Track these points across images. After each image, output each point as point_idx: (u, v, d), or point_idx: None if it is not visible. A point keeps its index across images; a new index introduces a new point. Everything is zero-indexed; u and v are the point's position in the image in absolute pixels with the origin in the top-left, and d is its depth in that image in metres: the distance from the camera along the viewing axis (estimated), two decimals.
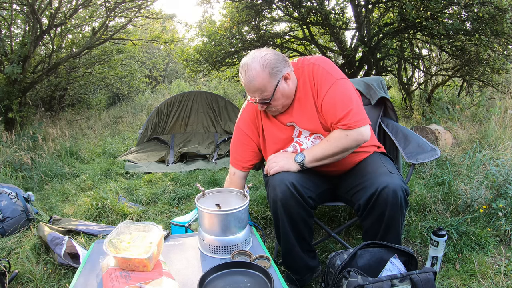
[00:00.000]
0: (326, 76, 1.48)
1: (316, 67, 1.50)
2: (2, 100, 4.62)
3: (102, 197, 2.67)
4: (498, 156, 2.87)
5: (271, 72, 1.42)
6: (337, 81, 1.47)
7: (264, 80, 1.42)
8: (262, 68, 1.41)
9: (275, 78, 1.43)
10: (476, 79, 4.77)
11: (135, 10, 5.96)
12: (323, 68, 1.49)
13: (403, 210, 1.41)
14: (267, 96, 1.46)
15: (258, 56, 1.43)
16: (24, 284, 1.79)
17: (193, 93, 5.16)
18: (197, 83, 11.00)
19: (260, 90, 1.44)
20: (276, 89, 1.45)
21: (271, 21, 5.72)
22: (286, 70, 1.46)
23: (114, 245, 1.25)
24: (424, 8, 3.95)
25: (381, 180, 1.40)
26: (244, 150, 1.71)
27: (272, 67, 1.42)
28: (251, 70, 1.42)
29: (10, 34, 5.24)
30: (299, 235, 1.54)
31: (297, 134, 1.59)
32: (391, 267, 1.27)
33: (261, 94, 1.45)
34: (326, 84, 1.47)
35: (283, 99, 1.50)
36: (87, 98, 8.75)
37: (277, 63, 1.43)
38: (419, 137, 1.84)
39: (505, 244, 2.06)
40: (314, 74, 1.50)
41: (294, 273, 1.63)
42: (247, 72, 1.42)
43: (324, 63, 1.51)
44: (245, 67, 1.43)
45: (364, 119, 1.44)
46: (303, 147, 1.57)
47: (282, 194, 1.45)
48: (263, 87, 1.43)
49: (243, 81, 1.45)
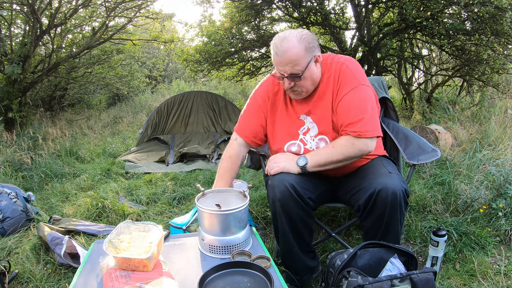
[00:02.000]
0: (352, 78, 1.48)
1: (344, 67, 1.50)
2: (2, 100, 4.62)
3: (102, 197, 2.67)
4: (498, 156, 2.87)
5: (307, 46, 1.41)
6: (360, 86, 1.47)
7: (299, 53, 1.39)
8: (299, 41, 1.40)
9: (309, 54, 1.42)
10: (476, 79, 4.77)
11: (135, 10, 5.96)
12: (350, 70, 1.49)
13: (402, 210, 1.41)
14: (299, 70, 1.42)
15: (296, 31, 1.43)
16: (24, 284, 1.79)
17: (193, 93, 5.16)
18: (197, 83, 11.00)
19: (293, 63, 1.41)
20: (308, 66, 1.43)
21: (271, 21, 5.72)
22: (318, 52, 1.47)
23: (114, 245, 1.25)
24: (424, 8, 3.95)
25: (380, 181, 1.40)
26: (252, 121, 1.68)
27: (309, 42, 1.42)
28: (287, 42, 1.39)
29: (10, 34, 5.24)
30: (298, 235, 1.54)
31: (304, 131, 1.58)
32: (391, 267, 1.27)
33: (293, 67, 1.41)
34: (348, 85, 1.47)
35: (310, 82, 1.49)
36: (87, 98, 8.75)
37: (313, 40, 1.44)
38: (420, 137, 1.84)
39: (505, 244, 2.06)
40: (341, 73, 1.50)
41: (294, 273, 1.63)
42: (283, 43, 1.39)
43: (352, 65, 1.51)
44: (281, 38, 1.41)
45: (373, 131, 1.43)
46: (306, 147, 1.57)
47: (281, 194, 1.45)
48: (297, 60, 1.40)
49: (277, 52, 1.41)
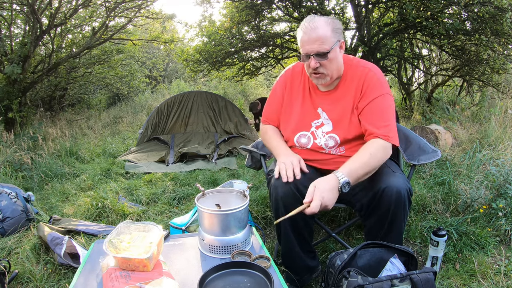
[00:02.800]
0: (378, 85, 1.51)
1: (371, 73, 1.52)
2: (2, 100, 4.62)
3: (102, 197, 2.67)
4: (498, 156, 2.87)
5: (334, 28, 1.45)
6: (386, 95, 1.50)
7: (327, 32, 1.43)
8: (327, 22, 1.44)
9: (335, 36, 1.46)
10: (476, 79, 4.77)
11: (135, 10, 5.96)
12: (377, 77, 1.52)
13: (406, 209, 1.42)
14: (325, 48, 1.44)
15: (323, 16, 1.48)
16: (24, 284, 1.79)
17: (193, 93, 5.16)
18: (197, 83, 11.00)
19: (320, 40, 1.43)
20: (333, 47, 1.45)
21: (271, 21, 5.72)
22: (343, 39, 1.50)
23: (114, 245, 1.25)
24: (424, 8, 3.95)
25: (384, 180, 1.41)
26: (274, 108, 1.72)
27: (336, 24, 1.46)
28: (315, 21, 1.43)
29: (10, 34, 5.24)
30: (299, 235, 1.55)
31: (317, 124, 1.59)
32: (391, 267, 1.27)
33: (321, 45, 1.43)
34: (375, 92, 1.49)
35: (335, 65, 1.49)
36: (87, 98, 8.75)
37: (339, 25, 1.48)
38: (421, 138, 1.84)
39: (505, 244, 2.06)
40: (367, 79, 1.51)
41: (294, 273, 1.64)
42: (311, 23, 1.43)
43: (379, 74, 1.54)
44: (310, 19, 1.46)
45: (395, 138, 1.48)
46: (316, 141, 1.58)
47: (283, 193, 1.46)
48: (324, 38, 1.43)
49: (305, 31, 1.45)
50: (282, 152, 1.58)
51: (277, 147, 1.64)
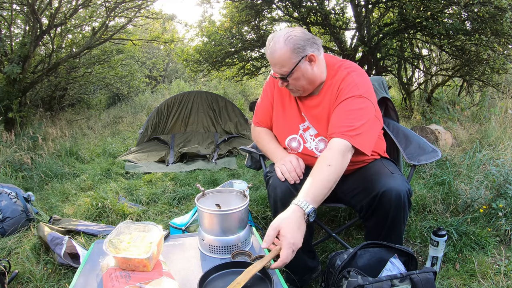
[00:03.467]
0: (353, 87, 1.43)
1: (349, 76, 1.46)
2: (2, 100, 4.62)
3: (102, 197, 2.67)
4: (498, 156, 2.87)
5: (293, 48, 1.38)
6: (359, 97, 1.40)
7: (284, 55, 1.38)
8: (285, 42, 1.38)
9: (297, 55, 1.39)
10: (476, 79, 4.78)
11: (135, 10, 5.96)
12: (353, 79, 1.45)
13: (406, 210, 1.42)
14: (285, 72, 1.42)
15: (286, 32, 1.40)
16: (24, 284, 1.79)
17: (194, 93, 5.16)
18: (197, 83, 11.00)
19: (279, 65, 1.41)
20: (295, 67, 1.40)
21: (271, 21, 5.72)
22: (312, 51, 1.41)
23: (114, 245, 1.25)
24: (424, 8, 3.95)
25: (384, 182, 1.40)
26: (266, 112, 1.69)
27: (295, 43, 1.38)
28: (275, 43, 1.39)
29: (10, 34, 5.24)
30: None
31: (304, 127, 1.57)
32: (391, 267, 1.27)
33: (280, 68, 1.42)
34: (348, 93, 1.42)
35: (304, 81, 1.45)
36: (87, 98, 8.75)
37: (300, 41, 1.39)
38: (420, 137, 1.84)
39: (505, 244, 2.06)
40: (343, 82, 1.46)
41: (294, 274, 1.64)
42: (271, 45, 1.40)
43: (358, 77, 1.46)
44: (270, 39, 1.42)
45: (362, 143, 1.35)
46: (306, 145, 1.56)
47: (282, 193, 1.46)
48: (283, 62, 1.40)
49: (267, 53, 1.44)
50: (280, 155, 1.56)
51: (274, 150, 1.61)
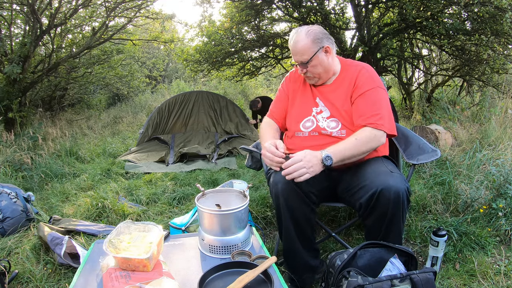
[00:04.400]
0: (369, 80, 1.64)
1: (363, 71, 1.67)
2: (2, 100, 4.62)
3: (102, 197, 2.67)
4: (498, 156, 2.87)
5: (313, 39, 1.62)
6: (377, 88, 1.63)
7: (306, 45, 1.62)
8: (306, 34, 1.63)
9: (316, 46, 1.62)
10: (476, 79, 4.77)
11: (135, 10, 5.96)
12: (369, 74, 1.67)
13: (404, 208, 1.43)
14: (305, 59, 1.64)
15: (306, 27, 1.67)
16: (24, 284, 1.79)
17: (195, 93, 5.16)
18: (197, 83, 11.00)
19: (300, 53, 1.64)
20: (314, 56, 1.62)
21: (271, 21, 5.72)
22: (328, 43, 1.66)
23: (114, 245, 1.25)
24: (424, 8, 3.95)
25: (382, 180, 1.41)
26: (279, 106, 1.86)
27: (315, 35, 1.63)
28: (298, 35, 1.64)
29: (10, 34, 5.24)
30: (300, 231, 1.54)
31: (317, 111, 1.71)
32: (391, 267, 1.27)
33: (301, 56, 1.64)
34: (366, 85, 1.63)
35: (321, 69, 1.66)
36: (87, 98, 8.75)
37: (319, 34, 1.64)
38: (420, 138, 1.84)
39: (505, 244, 2.06)
40: (359, 75, 1.66)
41: (294, 272, 1.63)
42: (295, 36, 1.65)
43: (370, 70, 1.69)
44: (294, 32, 1.67)
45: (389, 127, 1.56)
46: (319, 124, 1.67)
47: (283, 189, 1.46)
48: (303, 51, 1.63)
49: (290, 43, 1.66)
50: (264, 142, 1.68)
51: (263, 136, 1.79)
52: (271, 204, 2.49)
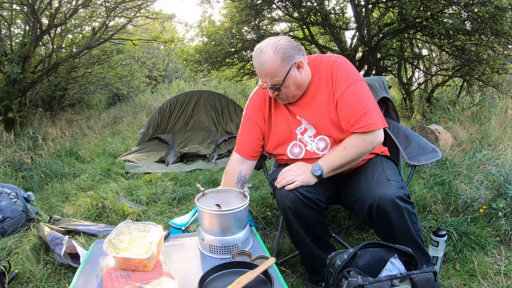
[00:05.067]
0: (345, 75, 1.48)
1: (336, 65, 1.50)
2: (2, 100, 4.62)
3: (102, 197, 2.67)
4: (498, 156, 2.87)
5: (283, 57, 1.41)
6: (356, 82, 1.47)
7: (275, 65, 1.41)
8: (275, 52, 1.40)
9: (287, 64, 1.43)
10: (476, 79, 4.77)
11: (135, 10, 5.96)
12: (343, 67, 1.50)
13: (410, 214, 1.37)
14: (278, 81, 1.45)
15: (272, 41, 1.43)
16: (24, 284, 1.79)
17: (197, 93, 5.16)
18: (197, 83, 10.99)
19: (271, 75, 1.44)
20: (287, 76, 1.44)
21: (271, 21, 5.72)
22: (299, 58, 1.46)
23: (114, 245, 1.25)
24: (424, 8, 3.95)
25: (377, 191, 1.36)
26: (248, 137, 1.69)
27: (285, 52, 1.41)
28: (263, 54, 1.41)
29: (10, 34, 5.24)
30: (315, 236, 1.52)
31: (301, 131, 1.57)
32: (391, 267, 1.27)
33: (272, 79, 1.45)
34: (344, 82, 1.47)
35: (294, 88, 1.49)
36: (87, 98, 8.75)
37: (289, 49, 1.43)
38: (420, 137, 1.84)
39: (505, 244, 2.06)
40: (333, 72, 1.49)
41: (315, 273, 1.60)
42: (260, 56, 1.42)
43: (344, 62, 1.52)
44: (258, 51, 1.43)
45: (379, 122, 1.44)
46: (307, 148, 1.55)
47: (291, 203, 1.43)
48: (274, 72, 1.43)
49: (255, 64, 1.45)
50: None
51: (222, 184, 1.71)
52: (271, 204, 2.50)
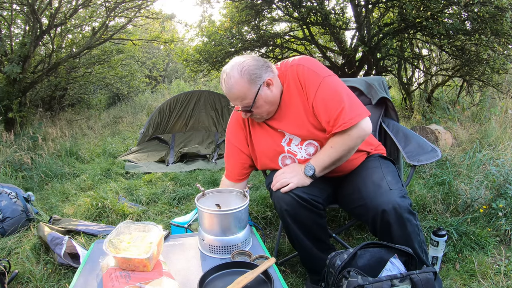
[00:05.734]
0: (313, 75, 1.41)
1: (301, 68, 1.44)
2: (2, 100, 4.62)
3: (102, 197, 2.67)
4: (498, 156, 2.87)
5: (250, 79, 1.37)
6: (324, 79, 1.40)
7: (243, 88, 1.37)
8: (241, 75, 1.36)
9: (255, 85, 1.38)
10: (476, 79, 4.77)
11: (135, 10, 5.96)
12: (308, 68, 1.43)
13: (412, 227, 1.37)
14: (248, 103, 1.41)
15: (237, 63, 1.38)
16: (24, 284, 1.79)
17: (197, 93, 5.16)
18: (197, 83, 10.99)
19: (240, 98, 1.40)
20: (257, 96, 1.40)
21: (271, 21, 5.72)
22: (268, 76, 1.41)
23: (114, 245, 1.25)
24: (424, 8, 3.95)
25: (381, 202, 1.34)
26: (234, 163, 1.67)
27: (251, 74, 1.37)
28: (229, 78, 1.38)
29: (10, 34, 5.24)
30: (314, 238, 1.52)
31: (287, 142, 1.53)
32: (391, 267, 1.27)
33: (242, 101, 1.41)
34: (314, 84, 1.41)
35: (267, 106, 1.45)
36: (87, 98, 8.75)
37: (256, 70, 1.38)
38: (420, 137, 1.84)
39: (505, 244, 2.06)
40: (300, 76, 1.44)
41: (316, 274, 1.60)
42: (226, 80, 1.38)
43: (308, 63, 1.45)
44: (224, 75, 1.39)
45: (358, 114, 1.37)
46: (298, 157, 1.52)
47: (288, 205, 1.42)
48: (243, 95, 1.39)
49: (223, 89, 1.41)
50: None
51: None
52: (271, 204, 2.50)
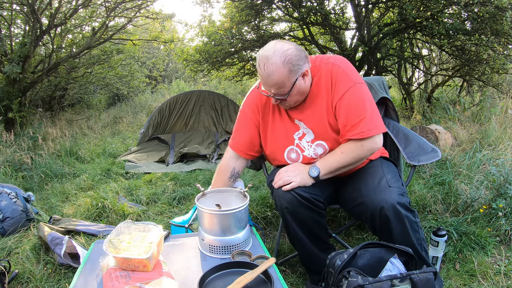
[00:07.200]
0: (345, 78, 1.44)
1: (336, 67, 1.46)
2: (2, 100, 4.62)
3: (102, 197, 2.67)
4: (498, 156, 2.87)
5: (292, 69, 1.36)
6: (355, 85, 1.43)
7: (283, 76, 1.36)
8: (283, 64, 1.35)
9: (294, 75, 1.38)
10: (476, 79, 4.77)
11: (135, 10, 5.96)
12: (342, 69, 1.45)
13: (411, 223, 1.38)
14: (283, 92, 1.41)
15: (280, 50, 1.35)
16: (24, 284, 1.79)
17: (196, 93, 5.16)
18: (197, 83, 10.99)
19: (277, 86, 1.39)
20: (293, 86, 1.40)
21: (271, 21, 5.72)
22: (306, 67, 1.42)
23: (114, 245, 1.25)
24: (424, 8, 3.95)
25: (380, 199, 1.36)
26: (244, 134, 1.65)
27: (294, 64, 1.36)
28: (271, 64, 1.34)
29: (10, 34, 5.24)
30: (314, 237, 1.53)
31: (299, 135, 1.55)
32: (391, 267, 1.27)
33: (278, 89, 1.40)
34: (344, 86, 1.43)
35: (298, 96, 1.46)
36: (87, 98, 8.74)
37: (299, 60, 1.38)
38: (420, 137, 1.84)
39: (505, 244, 2.06)
40: (333, 75, 1.46)
41: (315, 273, 1.60)
42: (267, 66, 1.35)
43: (343, 64, 1.48)
44: (264, 59, 1.36)
45: (376, 127, 1.41)
46: (304, 154, 1.54)
47: (288, 203, 1.43)
48: (281, 83, 1.38)
49: (261, 73, 1.39)
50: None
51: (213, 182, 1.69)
52: (271, 204, 2.50)
